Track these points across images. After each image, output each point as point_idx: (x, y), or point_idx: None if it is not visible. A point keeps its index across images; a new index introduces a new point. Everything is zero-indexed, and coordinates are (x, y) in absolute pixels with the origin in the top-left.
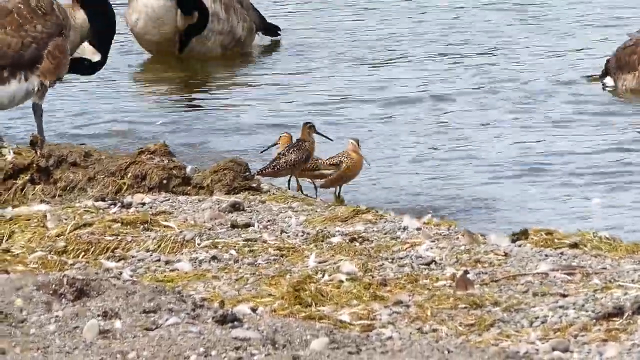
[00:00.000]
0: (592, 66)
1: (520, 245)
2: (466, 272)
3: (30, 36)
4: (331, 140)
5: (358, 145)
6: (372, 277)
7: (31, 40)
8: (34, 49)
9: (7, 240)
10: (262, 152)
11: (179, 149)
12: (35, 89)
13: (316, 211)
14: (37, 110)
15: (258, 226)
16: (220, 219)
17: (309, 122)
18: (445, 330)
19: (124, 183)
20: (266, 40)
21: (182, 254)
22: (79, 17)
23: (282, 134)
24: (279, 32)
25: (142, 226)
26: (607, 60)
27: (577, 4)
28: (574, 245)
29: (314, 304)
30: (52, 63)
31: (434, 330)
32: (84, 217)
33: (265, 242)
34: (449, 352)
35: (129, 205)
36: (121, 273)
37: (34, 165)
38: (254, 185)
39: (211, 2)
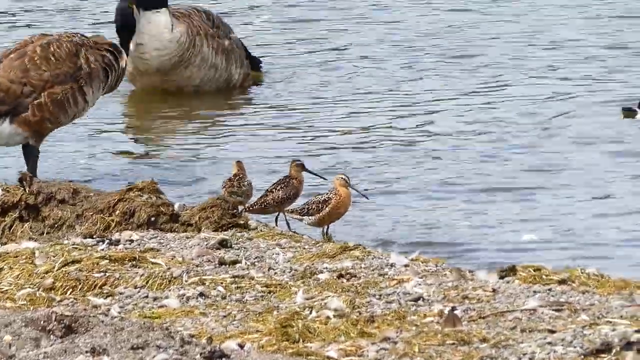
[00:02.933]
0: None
1: (508, 282)
2: (454, 308)
3: (32, 84)
4: (325, 179)
5: (348, 181)
6: (360, 314)
7: (32, 89)
8: (33, 98)
9: None
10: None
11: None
12: (23, 135)
13: (304, 248)
14: (29, 152)
15: (246, 263)
16: (208, 256)
17: (298, 160)
18: None
19: (112, 220)
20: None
21: (170, 290)
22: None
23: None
24: (260, 65)
25: (130, 263)
26: None
27: None
28: (562, 282)
29: (301, 340)
30: (35, 115)
31: None
32: (72, 254)
33: (252, 278)
34: None
35: (117, 242)
36: (109, 309)
37: (23, 202)
38: (242, 222)
39: (212, 54)
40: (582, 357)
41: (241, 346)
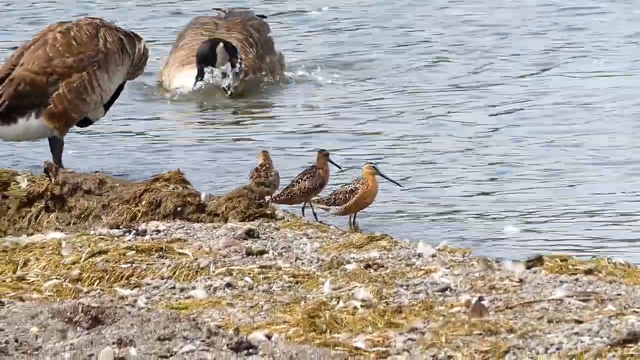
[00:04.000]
0: None
1: (535, 272)
2: (481, 298)
3: (57, 72)
4: (341, 169)
5: (376, 170)
6: (387, 304)
7: (57, 77)
8: (58, 87)
9: (22, 268)
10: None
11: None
12: (50, 129)
13: (331, 238)
14: (55, 143)
15: (273, 253)
16: (235, 246)
17: (324, 150)
18: (460, 357)
19: (139, 210)
20: None
21: (197, 281)
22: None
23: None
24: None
25: (156, 254)
26: None
27: None
28: (589, 272)
29: (328, 330)
30: (56, 106)
31: (449, 357)
32: (99, 245)
33: (280, 269)
34: None
35: (144, 233)
36: (136, 300)
37: (49, 192)
38: (269, 212)
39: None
40: (609, 347)
41: (268, 337)
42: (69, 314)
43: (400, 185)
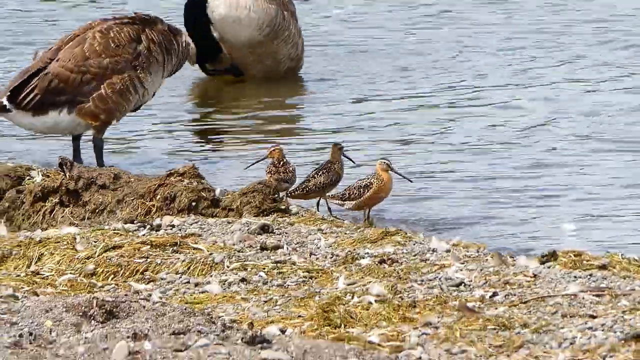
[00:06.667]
0: None
1: (549, 267)
2: (495, 293)
3: (91, 72)
4: (354, 163)
5: (389, 166)
6: (402, 299)
7: (91, 77)
8: (94, 86)
9: (36, 262)
10: (246, 168)
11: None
12: (84, 125)
13: (345, 233)
14: (95, 144)
15: (287, 248)
16: (250, 241)
17: (339, 144)
18: (475, 352)
19: (153, 205)
20: None
21: (212, 276)
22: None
23: (273, 147)
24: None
25: (171, 248)
26: None
27: None
28: (603, 267)
29: (343, 325)
30: (97, 107)
31: (463, 352)
32: (113, 240)
33: (294, 264)
34: None
35: (158, 228)
36: (150, 295)
37: (63, 187)
38: (283, 207)
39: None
40: (623, 342)
41: (283, 331)
42: (83, 308)
43: (411, 181)
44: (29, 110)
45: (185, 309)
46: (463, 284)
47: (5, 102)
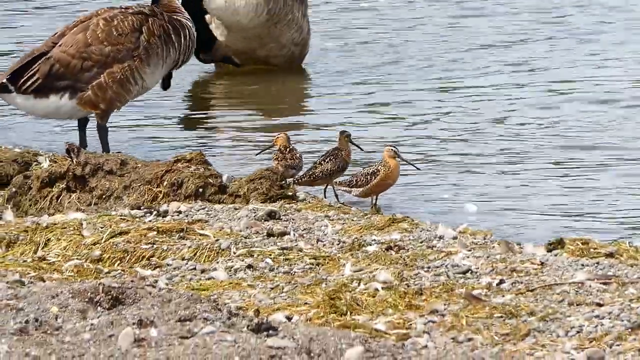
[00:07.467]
0: None
1: (556, 255)
2: (501, 281)
3: (92, 59)
4: (362, 150)
5: (396, 153)
6: (408, 286)
7: (92, 64)
8: (94, 73)
9: (42, 248)
10: (257, 154)
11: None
12: (84, 112)
13: (352, 220)
14: (98, 130)
15: (294, 235)
16: (256, 228)
17: (346, 131)
18: (481, 340)
19: (160, 191)
20: None
21: (218, 262)
22: None
23: (278, 135)
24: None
25: (177, 235)
26: None
27: None
28: (610, 255)
29: (349, 312)
30: (96, 95)
31: (470, 340)
32: (120, 226)
33: (301, 250)
34: None
35: (165, 214)
36: (157, 281)
37: (70, 173)
38: (290, 193)
39: (300, 16)
40: (629, 330)
41: (289, 318)
42: (89, 294)
43: (418, 169)
44: (30, 94)
45: (191, 296)
46: (470, 272)
47: (7, 83)
